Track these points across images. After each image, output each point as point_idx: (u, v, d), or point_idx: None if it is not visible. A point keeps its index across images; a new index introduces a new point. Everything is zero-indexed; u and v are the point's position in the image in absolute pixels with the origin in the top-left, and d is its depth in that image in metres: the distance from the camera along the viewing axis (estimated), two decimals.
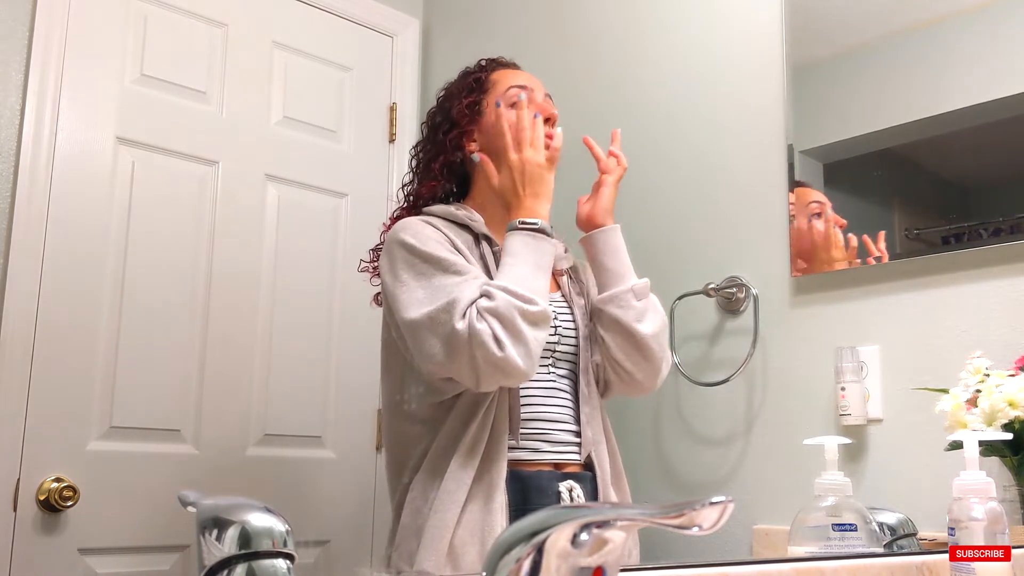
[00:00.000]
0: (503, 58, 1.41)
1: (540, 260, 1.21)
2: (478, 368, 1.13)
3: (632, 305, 1.28)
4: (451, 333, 1.13)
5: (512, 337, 1.12)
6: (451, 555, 1.15)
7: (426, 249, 1.21)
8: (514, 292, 1.15)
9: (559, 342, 1.30)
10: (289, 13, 2.01)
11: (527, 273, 1.19)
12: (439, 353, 1.15)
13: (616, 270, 1.31)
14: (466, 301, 1.14)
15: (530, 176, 1.25)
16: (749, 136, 1.67)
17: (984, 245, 1.43)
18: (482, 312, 1.13)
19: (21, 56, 1.62)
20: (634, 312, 1.28)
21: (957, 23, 1.51)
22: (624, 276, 1.31)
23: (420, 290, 1.18)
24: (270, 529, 0.59)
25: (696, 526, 0.50)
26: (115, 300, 1.65)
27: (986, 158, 1.51)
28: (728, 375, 1.61)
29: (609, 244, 1.32)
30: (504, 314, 1.13)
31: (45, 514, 1.53)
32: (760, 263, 1.62)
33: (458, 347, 1.12)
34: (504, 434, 1.20)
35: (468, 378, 1.15)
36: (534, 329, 1.15)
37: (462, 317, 1.13)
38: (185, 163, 1.78)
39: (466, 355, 1.12)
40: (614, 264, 1.31)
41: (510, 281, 1.16)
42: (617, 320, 1.28)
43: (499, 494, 1.18)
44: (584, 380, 1.30)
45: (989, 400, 1.22)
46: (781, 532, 1.23)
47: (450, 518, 1.15)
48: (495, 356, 1.11)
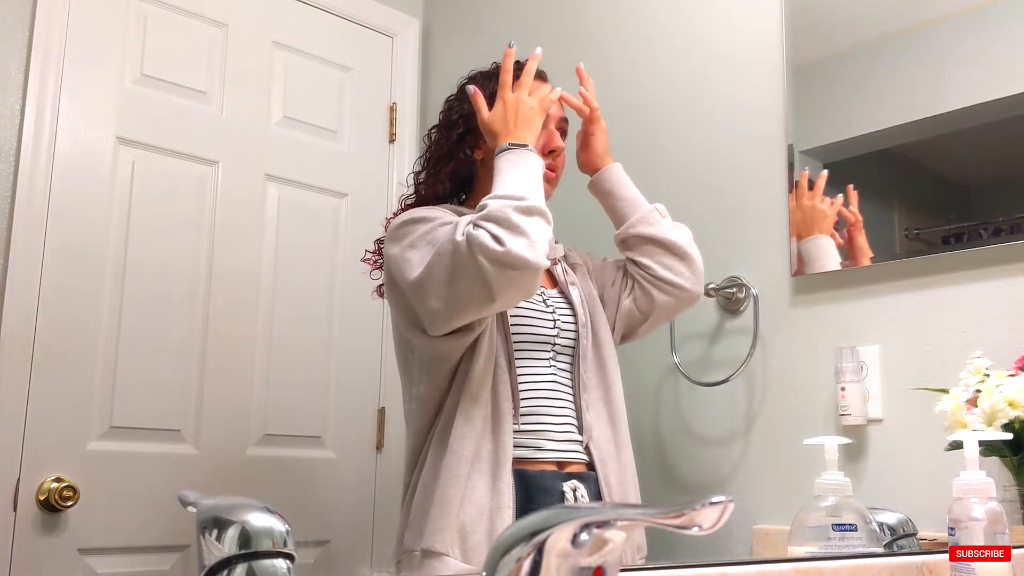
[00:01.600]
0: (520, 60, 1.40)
1: (528, 171, 1.22)
2: (485, 273, 1.11)
3: (661, 220, 1.38)
4: (453, 252, 1.14)
5: (509, 231, 1.12)
6: (459, 530, 1.16)
7: (422, 215, 1.24)
8: (502, 195, 1.16)
9: (558, 335, 1.31)
10: (289, 13, 2.01)
11: (515, 180, 1.19)
12: (449, 283, 1.14)
13: (634, 198, 1.39)
14: (464, 222, 1.16)
15: (523, 115, 1.27)
16: (749, 136, 1.67)
17: (984, 245, 1.43)
18: (475, 221, 1.14)
19: (21, 56, 1.62)
20: (665, 225, 1.38)
21: (957, 23, 1.51)
22: (642, 202, 1.39)
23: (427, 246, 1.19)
24: (270, 529, 0.59)
25: (696, 526, 0.50)
26: (115, 300, 1.65)
27: (986, 158, 1.51)
28: (728, 375, 1.61)
29: (620, 178, 1.41)
30: (496, 214, 1.13)
31: (45, 514, 1.53)
32: (760, 263, 1.62)
33: (461, 261, 1.13)
34: (508, 413, 1.22)
35: (480, 292, 1.13)
36: (530, 219, 1.15)
37: (460, 235, 1.14)
38: (185, 163, 1.78)
39: (471, 266, 1.12)
40: (630, 193, 1.40)
41: (498, 190, 1.18)
42: (652, 237, 1.36)
43: (505, 473, 1.19)
44: (581, 369, 1.31)
45: (989, 400, 1.22)
46: (781, 532, 1.23)
47: (453, 493, 1.16)
48: (496, 252, 1.10)
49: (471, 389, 1.21)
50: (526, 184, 1.19)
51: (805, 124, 1.62)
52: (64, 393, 1.57)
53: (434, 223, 1.22)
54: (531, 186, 1.20)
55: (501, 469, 1.19)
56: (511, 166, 1.21)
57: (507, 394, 1.23)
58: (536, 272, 1.14)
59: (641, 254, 1.36)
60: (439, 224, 1.21)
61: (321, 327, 1.91)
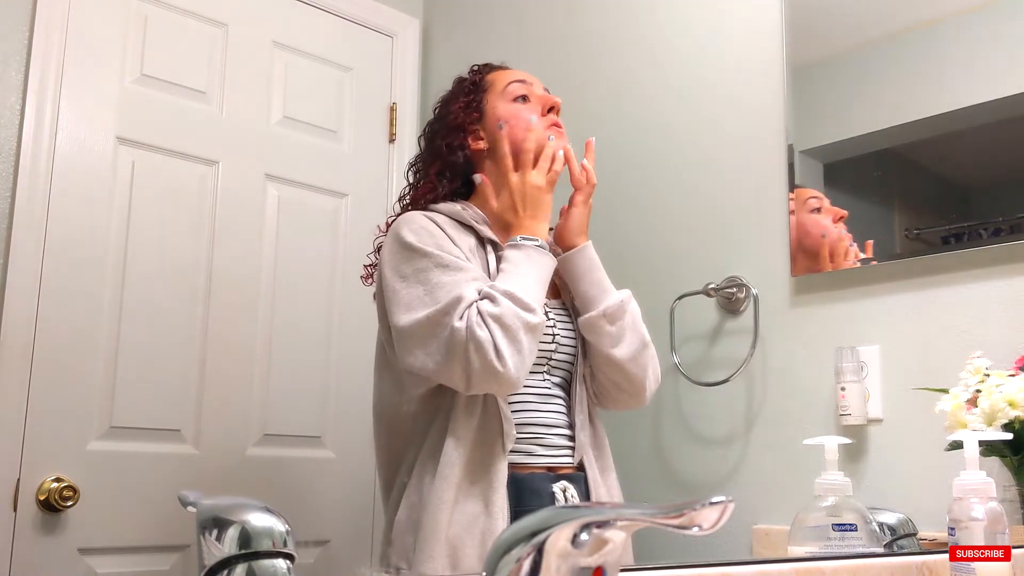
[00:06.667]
0: (493, 62, 1.42)
1: (540, 272, 1.22)
2: (471, 374, 1.12)
3: (605, 331, 1.27)
4: (449, 335, 1.13)
5: (512, 348, 1.12)
6: (450, 555, 1.15)
7: (423, 245, 1.21)
8: (517, 298, 1.15)
9: (556, 350, 1.29)
10: (289, 13, 2.01)
11: (528, 281, 1.19)
12: (433, 354, 1.14)
13: (588, 294, 1.30)
14: (465, 302, 1.14)
15: (531, 199, 1.26)
16: (749, 136, 1.67)
17: (984, 245, 1.43)
18: (485, 316, 1.13)
19: (21, 56, 1.62)
20: (608, 338, 1.27)
21: (957, 23, 1.51)
22: (596, 300, 1.29)
23: (419, 287, 1.18)
24: (270, 529, 0.59)
25: (696, 526, 0.50)
26: (115, 300, 1.65)
27: (986, 158, 1.51)
28: (728, 375, 1.61)
29: (579, 268, 1.31)
30: (508, 323, 1.13)
31: (45, 514, 1.53)
32: (760, 263, 1.62)
33: (454, 350, 1.12)
34: (498, 434, 1.20)
35: (459, 382, 1.14)
36: (533, 338, 1.16)
37: (460, 318, 1.13)
38: (185, 163, 1.78)
39: (461, 359, 1.12)
40: (585, 288, 1.30)
41: (512, 286, 1.16)
42: (594, 347, 1.29)
43: (498, 497, 1.18)
44: (578, 387, 1.30)
45: (989, 400, 1.22)
46: (781, 532, 1.23)
47: (443, 518, 1.15)
48: (494, 367, 1.11)
49: (460, 411, 1.19)
50: (537, 290, 1.19)
51: (805, 124, 1.62)
52: (64, 393, 1.57)
53: (431, 260, 1.19)
54: (538, 292, 1.20)
55: (494, 494, 1.18)
56: (519, 263, 1.21)
57: (496, 417, 1.21)
58: (515, 389, 1.18)
59: (587, 355, 1.31)
60: (436, 264, 1.19)
61: (321, 327, 1.91)
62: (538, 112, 1.34)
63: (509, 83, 1.36)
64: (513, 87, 1.35)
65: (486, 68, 1.40)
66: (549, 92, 1.38)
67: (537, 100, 1.35)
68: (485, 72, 1.39)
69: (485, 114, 1.34)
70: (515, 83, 1.35)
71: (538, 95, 1.36)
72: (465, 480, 1.17)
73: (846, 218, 1.57)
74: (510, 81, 1.36)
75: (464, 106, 1.35)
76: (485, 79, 1.38)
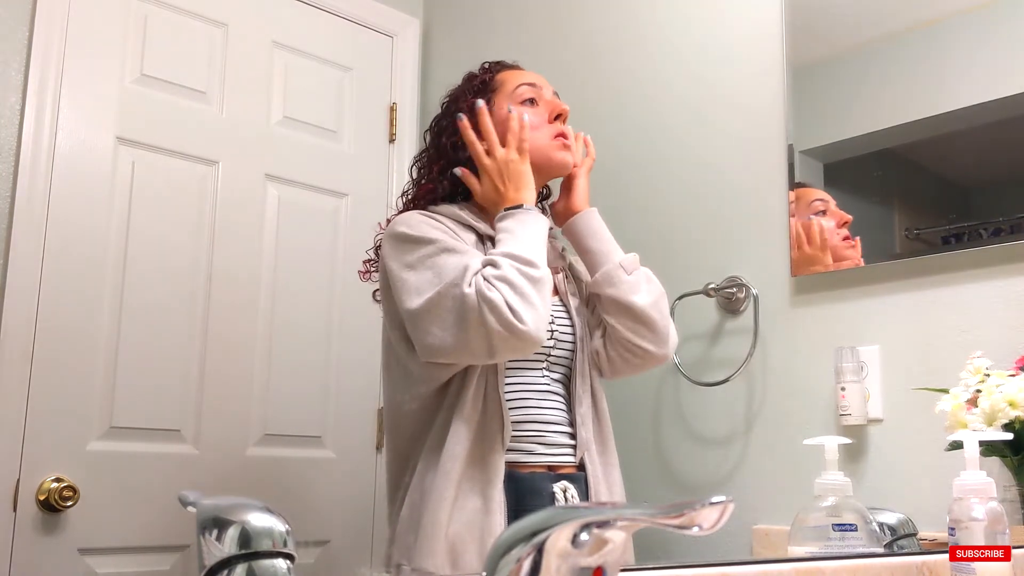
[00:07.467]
0: (506, 61, 1.41)
1: (534, 230, 1.22)
2: (492, 337, 1.12)
3: (623, 280, 1.29)
4: (461, 303, 1.13)
5: (524, 303, 1.13)
6: (450, 552, 1.15)
7: (424, 235, 1.22)
8: (517, 256, 1.16)
9: (555, 346, 1.29)
10: (289, 13, 2.01)
11: (524, 241, 1.19)
12: (450, 328, 1.14)
13: (600, 250, 1.32)
14: (472, 270, 1.15)
15: (508, 173, 1.27)
16: (749, 136, 1.67)
17: (984, 245, 1.43)
18: (490, 279, 1.13)
19: (21, 56, 1.62)
20: (626, 286, 1.29)
21: (957, 23, 1.51)
22: (609, 254, 1.32)
23: (428, 271, 1.18)
24: (270, 529, 0.59)
25: (696, 526, 0.50)
26: (115, 300, 1.65)
27: (986, 158, 1.51)
28: (728, 375, 1.61)
29: (589, 227, 1.34)
30: (514, 280, 1.13)
31: (45, 514, 1.53)
32: (760, 263, 1.62)
33: (468, 316, 1.12)
34: (498, 429, 1.20)
35: (481, 350, 1.14)
36: (541, 290, 1.16)
37: (469, 285, 1.13)
38: (185, 163, 1.78)
39: (477, 323, 1.12)
40: (597, 245, 1.33)
41: (509, 248, 1.17)
42: (613, 298, 1.29)
43: (496, 492, 1.18)
44: (578, 383, 1.30)
45: (989, 400, 1.22)
46: (781, 532, 1.23)
47: (442, 515, 1.15)
48: (512, 324, 1.11)
49: (462, 408, 1.19)
50: (531, 246, 1.19)
51: (805, 124, 1.62)
52: (64, 393, 1.57)
53: (435, 246, 1.20)
54: (537, 249, 1.20)
55: (492, 488, 1.18)
56: (512, 228, 1.21)
57: (497, 413, 1.21)
58: (539, 344, 1.17)
59: (606, 312, 1.31)
60: (440, 249, 1.19)
61: (321, 327, 1.91)
62: (545, 118, 1.34)
63: (519, 85, 1.35)
64: (522, 90, 1.35)
65: (497, 67, 1.39)
66: (559, 98, 1.38)
67: (545, 105, 1.35)
68: (496, 71, 1.38)
69: (492, 115, 1.34)
70: (524, 86, 1.35)
71: (547, 100, 1.36)
72: (465, 476, 1.18)
73: (849, 224, 1.56)
74: (520, 83, 1.35)
75: (471, 106, 1.34)
76: (495, 79, 1.37)
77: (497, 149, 1.27)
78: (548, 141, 1.32)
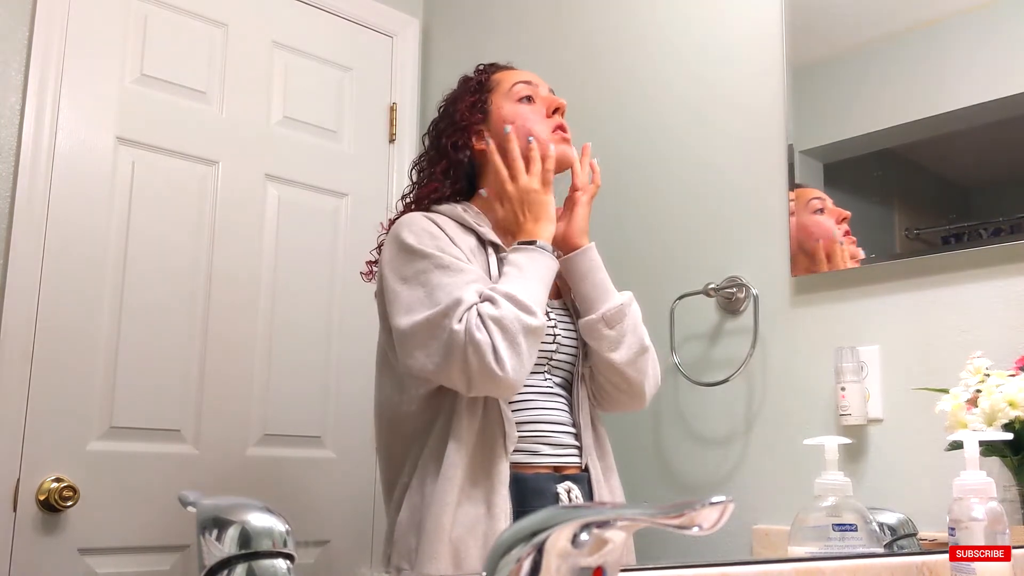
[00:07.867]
0: (499, 62, 1.42)
1: (542, 274, 1.22)
2: (471, 376, 1.13)
3: (604, 335, 1.27)
4: (448, 338, 1.13)
5: (511, 351, 1.13)
6: (453, 555, 1.15)
7: (422, 246, 1.21)
8: (518, 300, 1.15)
9: (557, 350, 1.29)
10: (289, 13, 2.01)
11: (530, 284, 1.19)
12: (433, 356, 1.14)
13: (588, 296, 1.29)
14: (464, 304, 1.14)
15: (529, 203, 1.27)
16: (749, 136, 1.67)
17: (984, 245, 1.43)
18: (484, 319, 1.13)
19: (21, 56, 1.62)
20: (607, 342, 1.27)
21: (957, 23, 1.51)
22: (596, 302, 1.28)
23: (420, 289, 1.18)
24: (270, 529, 0.59)
25: (696, 526, 0.50)
26: (115, 300, 1.65)
27: (986, 158, 1.51)
28: (728, 375, 1.61)
29: (580, 270, 1.31)
30: (507, 325, 1.13)
31: (45, 514, 1.53)
32: (760, 263, 1.62)
33: (453, 352, 1.12)
34: (500, 436, 1.20)
35: (459, 384, 1.15)
36: (532, 341, 1.16)
37: (459, 321, 1.13)
38: (185, 163, 1.78)
39: (460, 361, 1.12)
40: (588, 290, 1.30)
41: (513, 289, 1.16)
42: (593, 350, 1.29)
43: (500, 498, 1.17)
44: (579, 388, 1.30)
45: (989, 400, 1.22)
46: (781, 532, 1.23)
47: (446, 520, 1.15)
48: (492, 370, 1.11)
49: (462, 412, 1.19)
50: (535, 290, 1.19)
51: (805, 124, 1.62)
52: (64, 393, 1.57)
53: (430, 261, 1.19)
54: (539, 294, 1.20)
55: (496, 495, 1.17)
56: (522, 265, 1.21)
57: (497, 416, 1.21)
58: (515, 391, 1.18)
59: (588, 355, 1.31)
60: (435, 266, 1.19)
61: (321, 327, 1.91)
62: (543, 114, 1.34)
63: (515, 84, 1.35)
64: (518, 88, 1.35)
65: (492, 68, 1.40)
66: (554, 93, 1.38)
67: (542, 101, 1.35)
68: (491, 72, 1.39)
69: (490, 114, 1.34)
70: (520, 83, 1.35)
71: (543, 96, 1.36)
72: (467, 482, 1.17)
73: (848, 219, 1.57)
74: (516, 82, 1.36)
75: (469, 106, 1.35)
76: (491, 79, 1.38)
77: (521, 176, 1.28)
78: (547, 135, 1.32)
